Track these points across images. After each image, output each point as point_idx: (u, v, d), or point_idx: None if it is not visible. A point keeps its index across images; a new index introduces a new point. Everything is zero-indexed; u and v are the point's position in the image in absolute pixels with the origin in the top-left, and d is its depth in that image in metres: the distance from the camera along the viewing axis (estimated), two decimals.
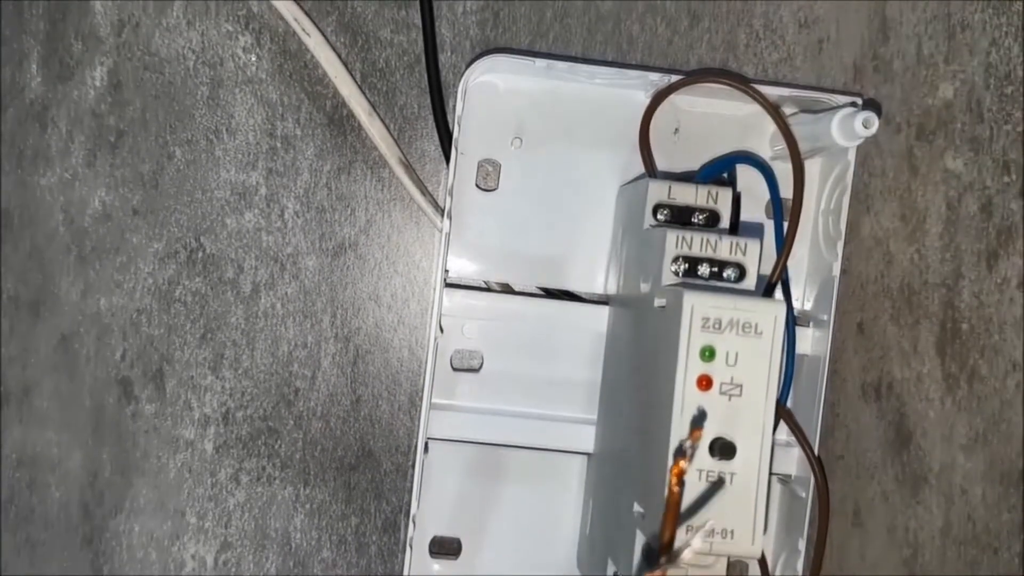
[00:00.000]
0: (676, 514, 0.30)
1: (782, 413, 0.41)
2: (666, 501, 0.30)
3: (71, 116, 0.42)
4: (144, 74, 0.43)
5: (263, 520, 0.44)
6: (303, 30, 0.42)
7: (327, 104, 0.43)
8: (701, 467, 0.32)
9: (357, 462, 0.44)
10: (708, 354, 0.33)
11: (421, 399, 0.43)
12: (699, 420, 0.32)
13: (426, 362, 0.41)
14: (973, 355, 0.45)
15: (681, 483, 0.29)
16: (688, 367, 0.33)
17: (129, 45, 0.43)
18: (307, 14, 0.42)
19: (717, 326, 0.33)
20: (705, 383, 0.33)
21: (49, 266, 0.43)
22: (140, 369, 0.43)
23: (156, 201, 0.43)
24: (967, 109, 0.45)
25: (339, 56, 0.43)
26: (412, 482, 0.42)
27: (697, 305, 0.33)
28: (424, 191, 0.43)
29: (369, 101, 0.43)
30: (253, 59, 0.43)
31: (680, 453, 0.31)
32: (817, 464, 0.41)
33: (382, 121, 0.43)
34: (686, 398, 0.33)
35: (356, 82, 0.43)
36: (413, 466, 0.43)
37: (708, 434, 0.32)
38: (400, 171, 0.43)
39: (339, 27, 0.43)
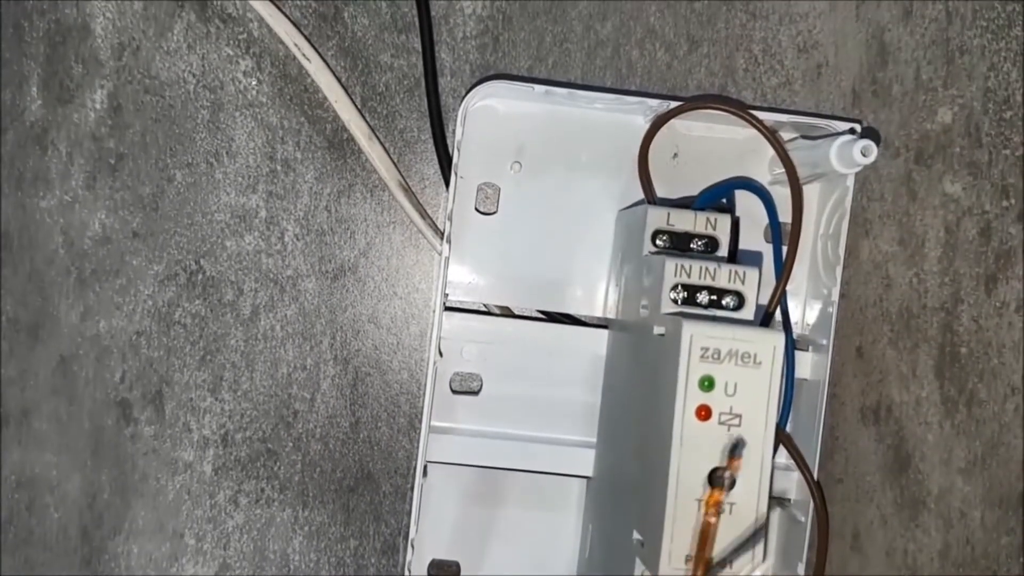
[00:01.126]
0: (709, 547, 0.29)
1: (781, 437, 0.41)
2: (700, 532, 0.29)
3: (71, 139, 0.42)
4: (144, 97, 0.43)
5: (262, 542, 0.44)
6: (303, 55, 0.42)
7: (327, 128, 0.43)
8: (700, 497, 0.32)
9: (356, 484, 0.44)
10: (707, 384, 0.33)
11: (420, 422, 0.43)
12: (737, 448, 0.31)
13: (425, 385, 0.41)
14: (972, 379, 0.45)
15: (718, 513, 0.29)
16: (687, 397, 0.33)
17: (129, 68, 0.43)
18: (307, 39, 0.42)
19: (716, 356, 0.33)
20: (704, 413, 0.33)
21: (49, 288, 0.43)
22: (139, 391, 0.43)
23: (156, 224, 0.43)
24: (966, 134, 0.45)
25: (339, 80, 0.43)
26: (411, 505, 0.42)
27: (696, 335, 0.33)
28: (424, 214, 0.43)
29: (369, 125, 0.43)
30: (253, 83, 0.43)
31: (718, 482, 0.30)
32: (816, 488, 0.41)
33: (382, 145, 0.43)
34: (685, 428, 0.33)
35: (356, 106, 0.43)
36: (412, 489, 0.43)
37: (708, 465, 0.32)
38: (400, 194, 0.43)
39: (339, 51, 0.43)
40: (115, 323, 0.43)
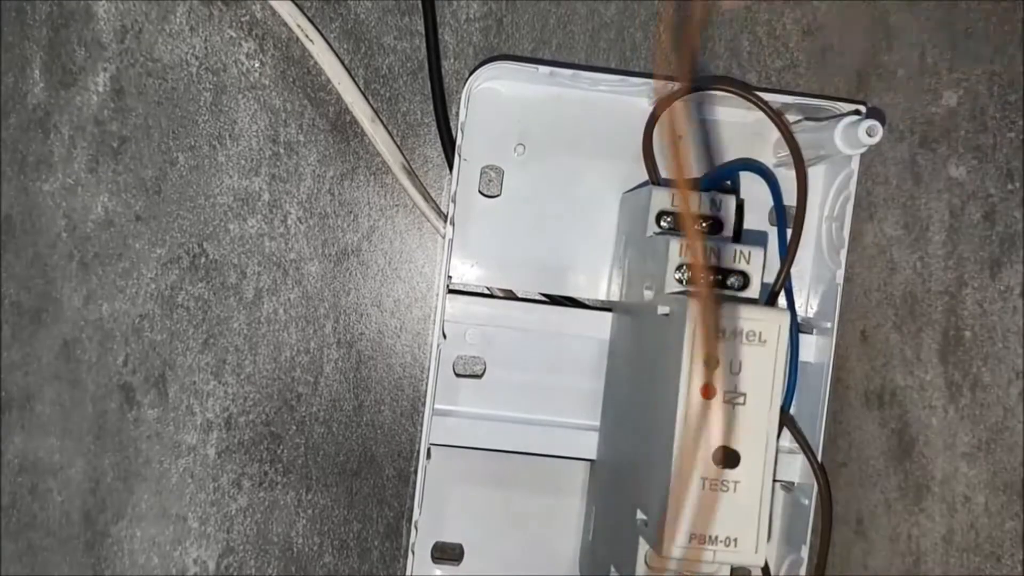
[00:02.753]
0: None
1: (785, 420, 0.41)
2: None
3: (74, 122, 0.42)
4: (147, 80, 0.43)
5: (265, 525, 0.44)
6: (306, 36, 0.42)
7: (330, 110, 0.43)
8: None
9: (359, 467, 0.44)
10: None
11: (423, 405, 0.43)
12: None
13: (429, 368, 0.41)
14: (976, 363, 0.45)
15: None
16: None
17: (132, 51, 0.42)
18: (310, 20, 0.42)
19: (721, 335, 0.33)
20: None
21: (51, 273, 0.42)
22: (142, 375, 0.43)
23: (159, 207, 0.43)
24: (970, 117, 0.45)
25: (342, 62, 0.42)
26: (414, 488, 0.42)
27: None
28: (427, 197, 0.43)
29: (372, 107, 0.43)
30: (256, 65, 0.43)
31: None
32: (820, 471, 0.41)
33: (385, 127, 0.43)
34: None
35: (359, 88, 0.43)
36: (415, 472, 0.43)
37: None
38: (403, 177, 0.43)
39: (342, 33, 0.43)
40: (118, 307, 0.43)
